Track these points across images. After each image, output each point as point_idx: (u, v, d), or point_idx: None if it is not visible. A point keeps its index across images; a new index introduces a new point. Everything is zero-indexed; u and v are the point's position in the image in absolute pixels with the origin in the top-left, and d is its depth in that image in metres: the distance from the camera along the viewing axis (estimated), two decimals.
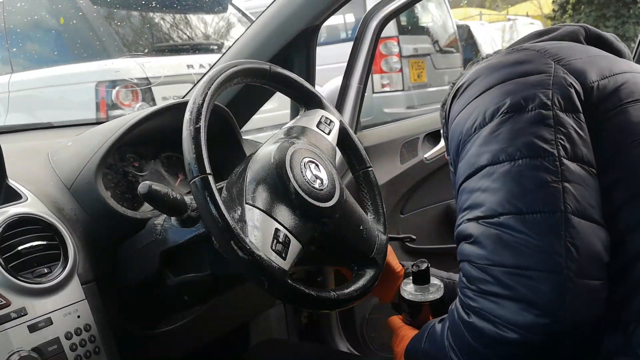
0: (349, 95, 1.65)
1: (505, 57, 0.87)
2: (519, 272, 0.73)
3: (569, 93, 0.80)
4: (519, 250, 0.73)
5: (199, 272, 0.99)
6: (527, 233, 0.73)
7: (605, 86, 0.82)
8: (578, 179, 0.75)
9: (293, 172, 0.92)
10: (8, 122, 3.27)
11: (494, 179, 0.77)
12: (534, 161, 0.75)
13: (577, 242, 0.72)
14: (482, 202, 0.78)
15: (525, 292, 0.72)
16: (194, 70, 3.25)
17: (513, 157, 0.76)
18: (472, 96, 0.85)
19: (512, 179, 0.76)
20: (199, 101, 0.87)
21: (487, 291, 0.75)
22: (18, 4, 3.50)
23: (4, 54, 3.48)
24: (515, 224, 0.74)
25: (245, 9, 4.08)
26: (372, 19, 1.65)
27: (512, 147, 0.77)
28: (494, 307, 0.74)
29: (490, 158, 0.78)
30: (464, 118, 0.85)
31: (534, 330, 0.71)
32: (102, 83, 3.13)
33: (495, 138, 0.79)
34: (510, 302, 0.73)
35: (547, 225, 0.73)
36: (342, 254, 1.01)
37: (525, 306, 0.72)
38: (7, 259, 0.94)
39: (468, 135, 0.83)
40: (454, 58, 6.03)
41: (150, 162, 1.27)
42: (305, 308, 1.10)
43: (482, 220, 0.77)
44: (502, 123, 0.79)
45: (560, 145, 0.76)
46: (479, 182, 0.79)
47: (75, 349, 0.96)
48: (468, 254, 0.78)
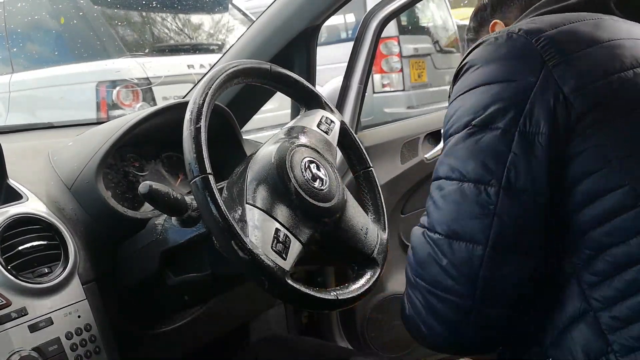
0: (350, 95, 1.65)
1: (502, 45, 0.82)
2: (436, 293, 0.80)
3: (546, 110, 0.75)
4: (440, 272, 0.79)
5: (199, 272, 0.99)
6: (450, 257, 0.78)
7: (595, 93, 0.76)
8: (513, 212, 0.76)
9: (293, 172, 0.92)
10: (9, 122, 3.27)
11: (442, 195, 0.81)
12: (477, 187, 0.77)
13: (488, 274, 0.76)
14: (430, 213, 0.83)
15: (440, 311, 0.79)
16: (194, 70, 3.25)
17: (462, 178, 0.79)
18: (463, 88, 0.84)
19: (454, 201, 0.79)
20: (199, 101, 0.87)
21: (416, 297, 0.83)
22: (19, 4, 3.50)
23: (5, 54, 3.48)
24: (444, 245, 0.79)
25: (245, 9, 4.08)
26: (372, 19, 1.65)
27: (464, 168, 0.79)
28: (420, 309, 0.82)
29: (446, 172, 0.82)
30: (451, 112, 0.86)
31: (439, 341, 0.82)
32: (103, 83, 3.13)
33: (457, 152, 0.81)
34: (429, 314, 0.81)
35: (468, 256, 0.77)
36: (342, 254, 1.01)
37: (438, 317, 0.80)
38: (7, 259, 0.94)
39: (445, 137, 0.85)
40: (454, 58, 6.02)
41: (150, 162, 1.27)
42: (306, 308, 1.10)
43: (425, 231, 0.83)
44: (467, 137, 0.80)
45: (506, 176, 0.76)
46: (434, 191, 0.84)
47: (76, 349, 0.96)
48: (408, 256, 0.86)
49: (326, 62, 2.18)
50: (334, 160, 1.05)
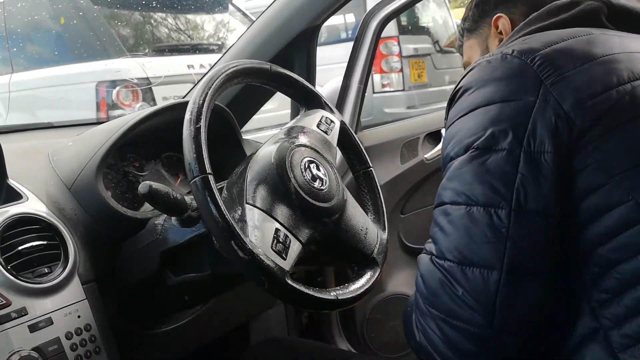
0: (349, 96, 1.65)
1: (498, 67, 0.82)
2: (451, 322, 0.77)
3: (552, 130, 0.75)
4: (454, 300, 0.76)
5: (199, 272, 0.99)
6: (463, 284, 0.76)
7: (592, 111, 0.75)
8: (526, 234, 0.75)
9: (293, 172, 0.92)
10: (8, 122, 3.27)
11: (449, 220, 0.79)
12: (486, 211, 0.76)
13: (505, 302, 0.74)
14: (438, 240, 0.80)
15: (455, 340, 0.77)
16: (194, 70, 3.25)
17: (469, 202, 0.77)
18: (461, 111, 0.84)
19: (463, 226, 0.77)
20: (199, 101, 0.87)
21: (428, 325, 0.80)
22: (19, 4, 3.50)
23: (5, 54, 3.48)
24: (456, 273, 0.76)
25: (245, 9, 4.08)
26: (372, 19, 1.65)
27: (470, 191, 0.77)
28: (433, 337, 0.79)
29: (451, 197, 0.80)
30: (448, 136, 0.85)
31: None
32: (103, 83, 3.13)
33: (460, 176, 0.79)
34: (443, 343, 0.78)
35: (484, 283, 0.75)
36: (342, 254, 1.01)
37: (454, 347, 0.77)
38: (7, 259, 0.94)
39: (446, 162, 0.84)
40: (454, 58, 6.02)
41: (150, 162, 1.27)
42: (306, 308, 1.10)
43: (433, 258, 0.80)
44: (470, 160, 0.78)
45: (515, 197, 0.75)
46: (439, 217, 0.81)
47: (76, 349, 0.96)
48: (418, 287, 0.82)
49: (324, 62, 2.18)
50: (334, 160, 1.05)
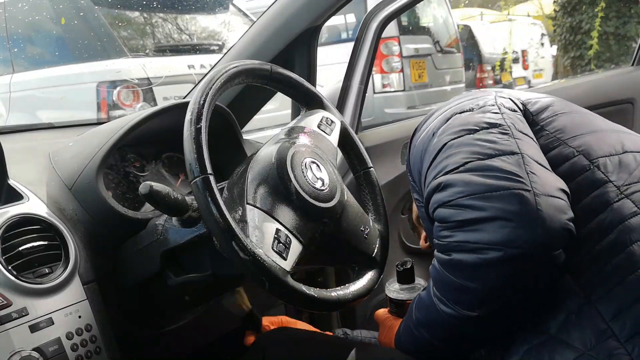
0: (350, 96, 1.65)
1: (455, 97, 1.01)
2: (490, 195, 0.78)
3: (510, 103, 0.94)
4: (486, 181, 0.79)
5: (200, 272, 0.99)
6: (492, 169, 0.80)
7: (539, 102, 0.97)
8: (528, 142, 0.86)
9: (294, 173, 0.92)
10: (9, 123, 3.27)
11: (456, 146, 0.86)
12: (489, 130, 0.86)
13: (536, 173, 0.80)
14: (447, 163, 0.85)
15: (497, 209, 0.77)
16: (195, 70, 3.25)
17: (470, 132, 0.86)
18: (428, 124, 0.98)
19: (470, 144, 0.85)
20: (200, 101, 0.87)
21: (463, 220, 0.80)
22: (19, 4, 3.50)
23: (5, 54, 3.48)
24: (480, 166, 0.81)
25: (246, 10, 4.08)
26: (373, 19, 1.65)
27: (468, 126, 0.88)
28: (472, 234, 0.79)
29: (450, 137, 0.87)
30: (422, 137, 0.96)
31: (512, 244, 0.76)
32: (103, 83, 3.13)
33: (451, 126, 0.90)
34: (486, 224, 0.78)
35: (508, 161, 0.81)
36: (343, 254, 1.01)
37: (501, 222, 0.77)
38: (8, 259, 0.94)
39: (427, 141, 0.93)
40: (455, 58, 6.03)
41: (151, 162, 1.27)
42: (306, 308, 1.10)
43: (450, 172, 0.84)
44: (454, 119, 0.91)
45: (509, 121, 0.88)
46: (442, 155, 0.87)
47: (76, 349, 0.96)
48: (440, 199, 0.83)
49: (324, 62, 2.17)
50: (335, 160, 1.05)
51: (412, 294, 1.07)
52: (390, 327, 1.05)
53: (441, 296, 0.84)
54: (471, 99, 0.95)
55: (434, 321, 0.87)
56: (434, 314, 0.86)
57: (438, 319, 0.85)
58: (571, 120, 0.92)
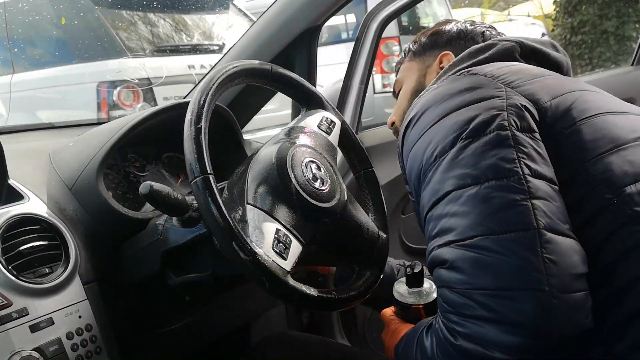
0: (350, 96, 1.65)
1: (455, 84, 0.89)
2: (500, 294, 0.71)
3: (523, 114, 0.81)
4: (497, 271, 0.72)
5: (200, 272, 0.99)
6: (503, 253, 0.72)
7: (557, 106, 0.84)
8: (545, 195, 0.75)
9: (294, 173, 0.92)
10: (10, 123, 3.27)
11: (462, 203, 0.76)
12: (500, 182, 0.75)
13: (554, 257, 0.71)
14: (453, 226, 0.77)
15: (509, 313, 0.71)
16: (195, 70, 3.25)
17: (479, 180, 0.76)
18: (427, 125, 0.86)
19: (480, 201, 0.75)
20: (200, 101, 0.87)
21: (471, 315, 0.74)
22: (19, 4, 3.51)
23: (6, 54, 3.48)
24: (491, 245, 0.73)
25: (246, 10, 4.08)
26: (373, 19, 1.65)
27: (476, 171, 0.77)
28: (480, 330, 0.73)
29: (455, 183, 0.78)
30: (421, 148, 0.85)
31: (521, 350, 0.71)
32: (104, 83, 3.13)
33: (458, 163, 0.79)
34: (496, 325, 0.71)
35: (522, 243, 0.72)
36: (343, 254, 1.01)
37: (511, 327, 0.71)
38: (8, 259, 0.95)
39: (429, 165, 0.83)
40: None
41: (151, 162, 1.27)
42: (307, 308, 1.10)
43: (454, 244, 0.76)
44: (463, 148, 0.79)
45: (523, 164, 0.77)
46: (445, 207, 0.78)
47: (77, 349, 0.96)
48: (446, 280, 0.77)
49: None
50: (335, 160, 1.05)
51: (418, 298, 1.06)
52: (394, 330, 1.04)
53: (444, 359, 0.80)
54: (477, 102, 0.84)
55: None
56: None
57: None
58: (592, 132, 0.82)
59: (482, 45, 1.02)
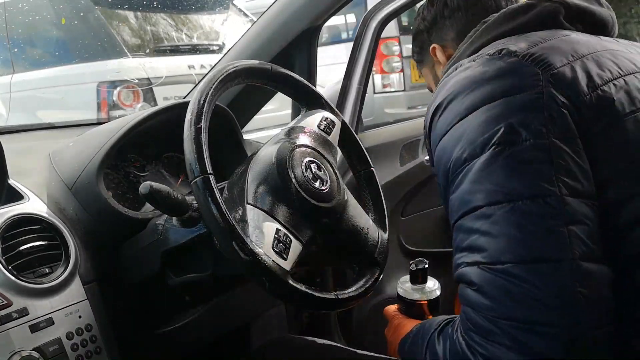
0: (350, 96, 1.65)
1: (487, 67, 0.80)
2: (530, 328, 0.68)
3: (563, 116, 0.73)
4: (528, 303, 0.68)
5: (200, 272, 0.99)
6: (534, 284, 0.68)
7: (598, 99, 0.75)
8: (582, 218, 0.70)
9: (294, 172, 0.92)
10: (9, 123, 3.27)
11: (493, 222, 0.71)
12: (535, 202, 0.69)
13: (587, 291, 0.68)
14: (482, 247, 0.72)
15: (538, 348, 0.67)
16: (195, 70, 3.25)
17: (511, 198, 0.70)
18: (456, 116, 0.78)
19: (513, 224, 0.70)
20: (200, 101, 0.87)
21: (495, 341, 0.70)
22: (19, 4, 3.51)
23: (6, 54, 3.48)
24: (521, 273, 0.68)
25: (246, 9, 4.08)
26: (372, 19, 1.65)
27: (509, 187, 0.71)
28: (503, 355, 0.69)
29: (486, 198, 0.72)
30: (451, 143, 0.78)
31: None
32: (104, 83, 3.13)
33: (490, 175, 0.73)
34: (521, 355, 0.68)
35: (555, 275, 0.68)
36: (343, 254, 1.01)
37: (535, 357, 0.68)
38: (8, 259, 0.95)
39: (458, 166, 0.77)
40: None
41: (151, 162, 1.27)
42: (307, 308, 1.10)
43: (484, 266, 0.71)
44: (495, 157, 0.72)
45: (561, 182, 0.70)
46: (476, 222, 0.73)
47: (77, 349, 0.96)
48: (472, 302, 0.73)
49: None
50: (335, 160, 1.05)
51: (422, 295, 1.06)
52: (398, 325, 1.04)
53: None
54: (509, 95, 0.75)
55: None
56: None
57: None
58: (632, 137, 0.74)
59: (519, 6, 0.89)
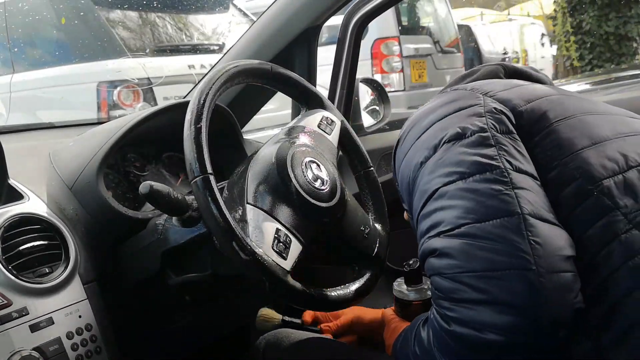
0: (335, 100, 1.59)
1: (438, 100, 0.94)
2: (489, 275, 0.73)
3: (501, 118, 0.85)
4: (486, 256, 0.74)
5: (200, 272, 0.99)
6: (490, 238, 0.74)
7: (532, 109, 0.88)
8: (527, 187, 0.78)
9: (294, 172, 0.92)
10: (10, 122, 3.28)
11: (449, 197, 0.79)
12: (484, 175, 0.78)
13: (539, 240, 0.73)
14: (441, 219, 0.79)
15: (499, 293, 0.72)
16: (195, 70, 3.25)
17: (463, 176, 0.79)
18: (413, 139, 0.90)
19: (466, 195, 0.78)
20: (200, 101, 0.88)
21: (462, 299, 0.75)
22: (19, 4, 3.51)
23: (6, 54, 3.49)
24: (478, 232, 0.75)
25: (246, 9, 4.08)
26: (350, 20, 1.57)
27: (460, 167, 0.80)
28: (472, 313, 0.74)
29: (441, 181, 0.81)
30: (409, 161, 0.89)
31: (515, 330, 0.72)
32: (104, 83, 3.13)
33: (442, 163, 0.82)
34: (487, 306, 0.73)
35: (507, 227, 0.74)
36: (343, 253, 1.01)
37: (503, 307, 0.72)
38: (8, 259, 0.95)
39: (416, 171, 0.86)
40: (455, 58, 6.03)
41: (151, 162, 1.28)
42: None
43: (444, 234, 0.78)
44: (446, 150, 0.83)
45: (504, 159, 0.80)
46: (434, 204, 0.81)
47: (77, 349, 0.96)
48: (437, 267, 0.78)
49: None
50: (335, 160, 1.05)
51: (418, 295, 1.06)
52: (394, 329, 1.05)
53: (440, 349, 0.81)
54: (457, 111, 0.88)
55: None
56: (432, 358, 0.83)
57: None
58: (568, 131, 0.85)
59: (469, 71, 1.07)
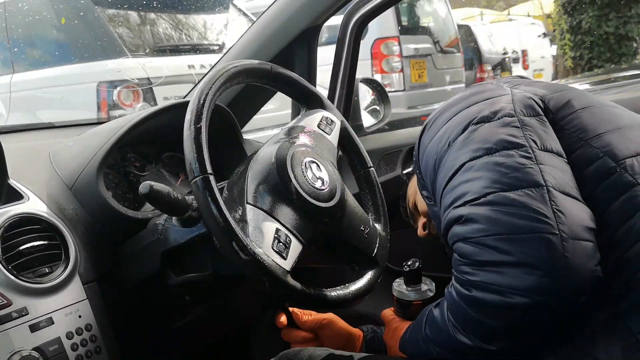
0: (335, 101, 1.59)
1: (465, 92, 0.99)
2: (514, 237, 0.75)
3: (529, 102, 0.90)
4: (510, 220, 0.76)
5: (200, 272, 0.99)
6: (515, 205, 0.77)
7: (558, 98, 0.93)
8: (552, 163, 0.81)
9: (294, 172, 0.92)
10: (9, 122, 3.27)
11: (475, 170, 0.82)
12: (509, 152, 0.82)
13: (562, 209, 0.76)
14: (467, 190, 0.82)
15: (524, 255, 0.74)
16: (195, 70, 3.25)
17: (490, 151, 0.83)
18: (441, 124, 0.94)
19: (492, 167, 0.81)
20: (200, 101, 0.88)
21: (486, 262, 0.76)
22: (19, 4, 3.51)
23: (6, 54, 3.48)
24: (503, 200, 0.78)
25: (246, 9, 4.08)
26: (350, 20, 1.57)
27: (487, 144, 0.84)
28: (495, 276, 0.75)
29: (468, 156, 0.84)
30: (436, 142, 0.92)
31: (538, 291, 0.73)
32: (104, 83, 3.13)
33: (471, 141, 0.86)
34: (511, 268, 0.74)
35: (532, 196, 0.77)
36: (343, 253, 1.01)
37: (527, 269, 0.73)
38: (8, 259, 0.95)
39: (443, 152, 0.89)
40: (455, 58, 6.03)
41: (151, 162, 1.28)
42: (306, 308, 1.10)
43: (469, 204, 0.80)
44: (473, 131, 0.87)
45: (530, 139, 0.83)
46: (460, 177, 0.84)
47: (77, 349, 0.96)
48: (461, 233, 0.80)
49: None
50: (335, 160, 1.05)
51: (418, 295, 1.06)
52: (396, 329, 1.05)
53: (456, 324, 0.82)
54: (486, 100, 0.92)
55: (446, 343, 0.85)
56: (446, 337, 0.84)
57: (450, 343, 0.83)
58: (592, 117, 0.89)
59: None
